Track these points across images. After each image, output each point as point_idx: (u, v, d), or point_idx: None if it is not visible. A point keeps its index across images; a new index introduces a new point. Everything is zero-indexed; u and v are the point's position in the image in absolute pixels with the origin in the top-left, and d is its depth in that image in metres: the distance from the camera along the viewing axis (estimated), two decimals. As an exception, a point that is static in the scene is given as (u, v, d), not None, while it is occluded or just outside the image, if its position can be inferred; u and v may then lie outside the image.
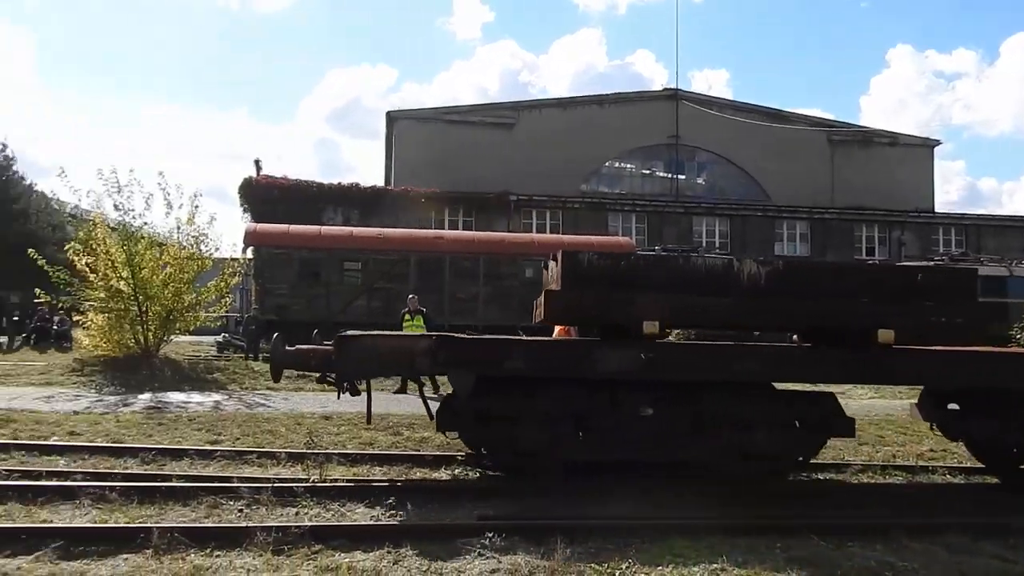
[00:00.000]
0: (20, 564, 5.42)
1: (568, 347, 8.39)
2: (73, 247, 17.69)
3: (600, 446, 8.19)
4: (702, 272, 8.23)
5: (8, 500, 6.99)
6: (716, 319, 8.33)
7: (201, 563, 5.50)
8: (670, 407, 8.15)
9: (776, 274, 8.13)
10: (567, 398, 8.11)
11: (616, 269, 8.15)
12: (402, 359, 8.10)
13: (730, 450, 8.23)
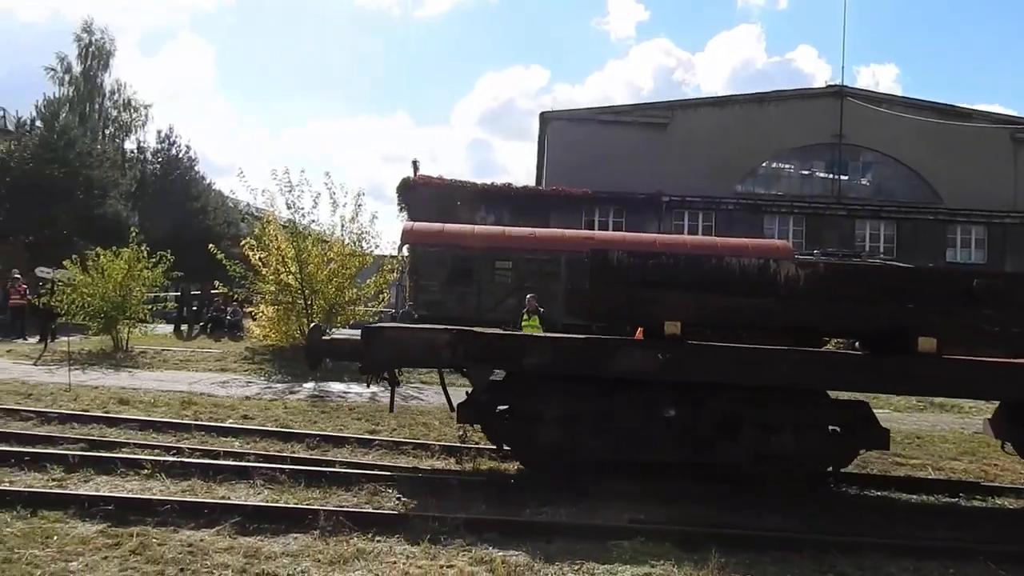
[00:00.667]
0: (203, 536, 5.85)
1: (585, 345, 8.12)
2: (248, 242, 18.93)
3: (621, 446, 8.01)
4: (736, 273, 8.01)
5: (192, 476, 7.58)
6: (749, 321, 8.01)
7: (363, 547, 5.75)
8: (693, 409, 7.93)
9: (816, 277, 7.90)
10: (588, 396, 7.99)
11: (643, 268, 8.09)
12: (425, 351, 8.28)
13: (753, 454, 7.93)
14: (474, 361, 8.10)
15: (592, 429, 8.01)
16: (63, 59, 44.76)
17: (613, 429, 7.99)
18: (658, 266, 8.25)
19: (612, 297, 8.04)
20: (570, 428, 8.00)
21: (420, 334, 8.72)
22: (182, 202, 40.12)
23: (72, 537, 5.67)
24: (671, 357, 7.68)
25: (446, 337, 8.14)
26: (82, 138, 35.22)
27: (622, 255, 8.27)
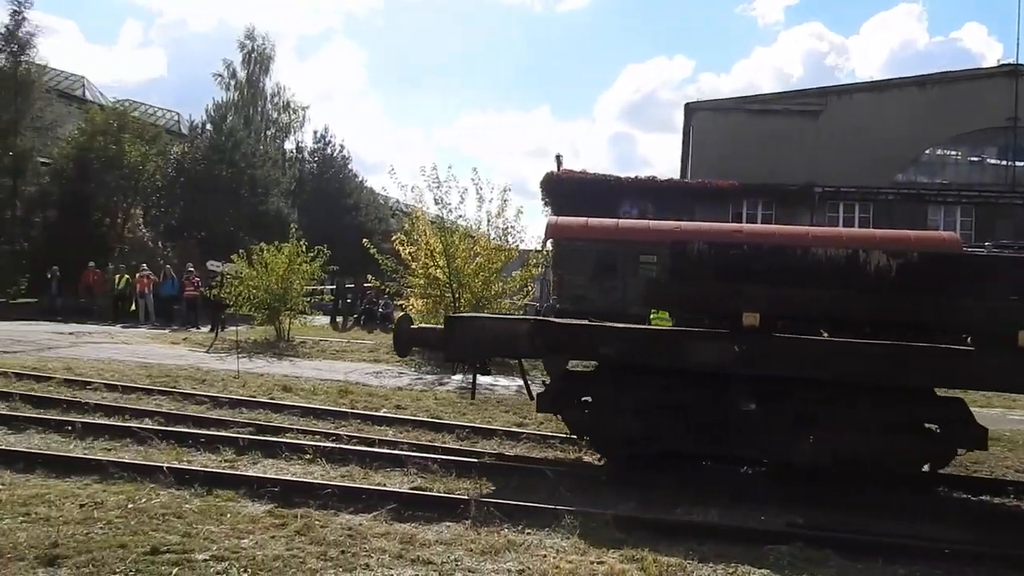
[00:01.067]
0: (362, 520, 6.09)
1: (659, 337, 8.13)
2: (398, 237, 19.57)
3: (699, 439, 7.85)
4: (822, 263, 7.82)
5: (350, 462, 7.91)
6: (835, 314, 7.76)
7: (514, 539, 5.82)
8: (774, 403, 7.67)
9: (909, 267, 7.59)
10: (665, 388, 7.88)
11: (724, 259, 8.06)
12: (503, 341, 8.44)
13: (838, 452, 7.56)
14: (550, 351, 8.17)
15: (669, 421, 7.91)
16: (229, 65, 47.85)
17: (690, 422, 7.85)
18: (737, 257, 8.25)
19: (690, 288, 8.05)
20: (647, 420, 7.93)
21: (500, 324, 8.97)
22: (337, 199, 42.01)
23: (243, 516, 6.02)
24: (747, 349, 7.50)
25: (525, 327, 8.34)
26: (247, 139, 37.45)
27: (702, 246, 8.27)
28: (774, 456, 7.98)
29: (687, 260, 8.16)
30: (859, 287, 7.64)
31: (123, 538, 5.30)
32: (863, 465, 7.63)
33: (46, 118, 30.56)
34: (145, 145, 31.69)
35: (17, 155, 28.67)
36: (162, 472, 6.79)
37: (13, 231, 29.21)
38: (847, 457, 7.58)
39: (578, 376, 8.56)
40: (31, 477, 6.70)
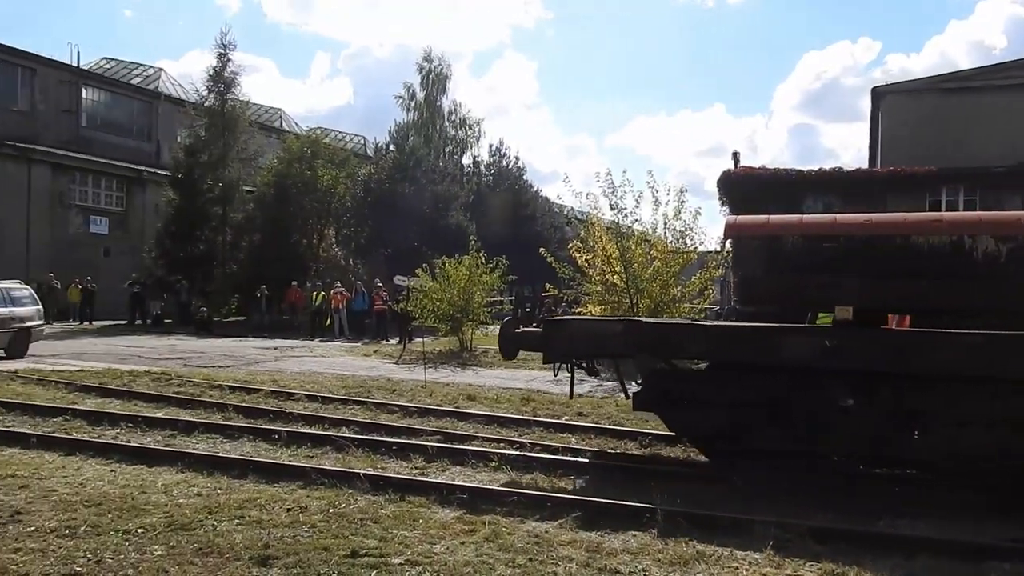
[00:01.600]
0: (548, 528, 6.13)
1: (747, 333, 8.04)
2: (575, 245, 19.66)
3: (794, 436, 7.59)
4: (924, 253, 7.52)
5: (534, 470, 8.00)
6: (940, 304, 7.52)
7: (703, 550, 5.65)
8: (872, 399, 7.36)
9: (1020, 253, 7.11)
10: (757, 384, 7.74)
11: (815, 252, 7.88)
12: (597, 342, 8.60)
13: (945, 449, 7.16)
14: (640, 350, 8.29)
15: (764, 418, 7.73)
16: (409, 87, 50.07)
17: (786, 419, 7.66)
18: (831, 250, 8.02)
19: (784, 283, 7.98)
20: (742, 417, 7.80)
21: (593, 325, 9.29)
22: (513, 210, 42.83)
23: (434, 521, 6.22)
24: (837, 344, 7.30)
25: (617, 328, 8.59)
26: (427, 157, 38.99)
27: (796, 239, 8.22)
28: (877, 453, 7.69)
29: (779, 254, 8.09)
30: (977, 276, 7.26)
31: (326, 541, 5.61)
32: (974, 464, 7.23)
33: (249, 150, 33.23)
34: (336, 169, 33.78)
35: (226, 185, 31.39)
36: (359, 479, 7.14)
37: (224, 255, 31.93)
38: (963, 454, 7.15)
39: (674, 374, 8.59)
40: (244, 482, 7.24)
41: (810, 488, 7.33)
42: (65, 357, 17.87)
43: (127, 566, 5.05)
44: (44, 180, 32.47)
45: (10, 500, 6.43)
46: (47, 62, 36.99)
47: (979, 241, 7.34)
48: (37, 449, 8.38)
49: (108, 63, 44.75)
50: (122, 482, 7.12)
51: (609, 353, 9.11)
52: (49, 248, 31.77)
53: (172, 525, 5.86)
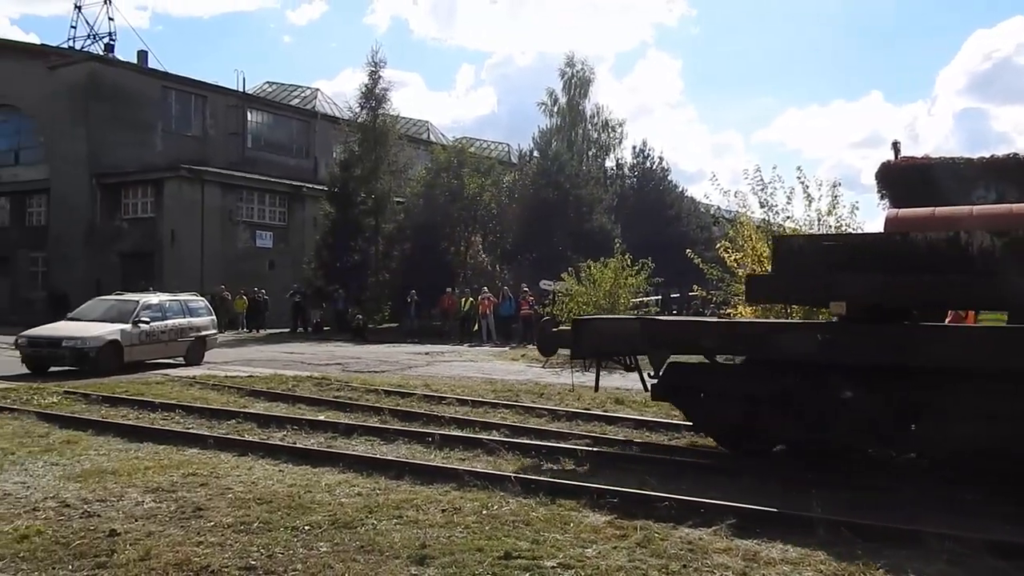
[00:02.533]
0: (701, 534, 5.99)
1: (748, 330, 8.98)
2: (723, 244, 19.18)
3: (801, 428, 8.08)
4: (922, 250, 7.60)
5: (685, 475, 7.86)
6: (936, 299, 7.91)
7: (870, 562, 5.36)
8: (871, 392, 7.67)
9: (1016, 245, 7.09)
10: (765, 378, 8.22)
11: (818, 251, 8.29)
12: (619, 339, 9.37)
13: (942, 442, 7.48)
14: (655, 346, 8.91)
15: (772, 410, 8.18)
16: (551, 93, 50.47)
17: (792, 411, 8.07)
18: (832, 248, 8.39)
19: (791, 281, 8.28)
20: (752, 408, 8.28)
21: (615, 324, 10.01)
22: (658, 211, 42.34)
23: (586, 525, 6.22)
24: (831, 339, 7.68)
25: (635, 326, 9.33)
26: (570, 162, 39.15)
27: (801, 240, 9.04)
28: (879, 446, 8.06)
29: (788, 254, 8.44)
30: (971, 271, 7.26)
31: (480, 542, 5.72)
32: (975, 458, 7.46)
33: (399, 162, 34.46)
34: (482, 177, 34.49)
35: (378, 197, 32.68)
36: (510, 481, 7.24)
37: (377, 264, 33.24)
38: (966, 447, 7.34)
39: (689, 367, 9.21)
40: (401, 483, 7.50)
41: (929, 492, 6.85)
42: (236, 364, 19.11)
43: (296, 561, 5.33)
44: (215, 199, 34.92)
45: (192, 496, 6.93)
46: (217, 89, 39.92)
47: (975, 236, 7.36)
48: (214, 449, 8.99)
49: (270, 86, 47.72)
50: (289, 481, 7.54)
51: (630, 349, 9.60)
52: (220, 262, 34.12)
53: (336, 523, 6.15)
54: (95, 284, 32.03)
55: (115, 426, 10.21)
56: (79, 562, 5.27)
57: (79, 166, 35.21)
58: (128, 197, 35.86)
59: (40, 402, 12.21)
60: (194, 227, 33.95)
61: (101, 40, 40.27)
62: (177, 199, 34.03)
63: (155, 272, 32.85)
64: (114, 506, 6.61)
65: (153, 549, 5.46)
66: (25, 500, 6.76)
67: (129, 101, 35.99)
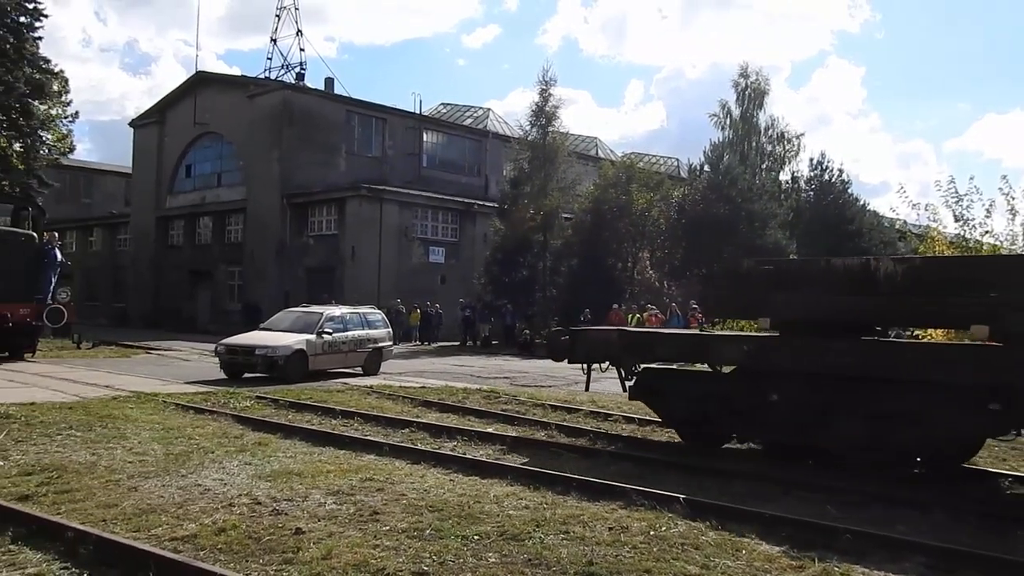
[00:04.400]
0: (886, 574, 5.61)
1: (692, 340, 10.60)
2: (910, 262, 17.99)
3: (742, 424, 9.84)
4: (840, 273, 8.97)
5: (870, 507, 7.39)
6: (846, 317, 8.84)
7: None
8: (795, 395, 9.05)
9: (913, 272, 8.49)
10: (712, 381, 10.27)
11: (755, 273, 9.97)
12: (602, 347, 11.16)
13: (847, 437, 8.76)
14: (627, 354, 10.76)
15: (719, 408, 9.89)
16: (724, 105, 49.27)
17: (734, 408, 9.74)
18: (766, 271, 9.93)
19: (734, 299, 10.07)
20: (703, 407, 10.07)
21: (599, 334, 11.70)
22: (837, 226, 40.27)
23: (758, 553, 5.97)
24: (752, 349, 9.51)
25: (614, 336, 11.15)
26: (743, 175, 38.06)
27: (750, 263, 10.76)
28: (804, 440, 9.34)
29: (734, 275, 10.50)
30: (874, 293, 8.46)
31: (648, 563, 5.62)
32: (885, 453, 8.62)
33: (568, 178, 34.77)
34: (650, 192, 34.17)
35: (546, 213, 33.12)
36: (679, 503, 7.08)
37: (545, 280, 33.61)
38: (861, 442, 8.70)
39: (657, 371, 10.92)
40: (567, 498, 7.51)
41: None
42: (409, 375, 19.88)
43: (466, 570, 5.46)
44: (392, 216, 36.56)
45: (369, 501, 7.25)
46: (395, 112, 41.93)
47: (883, 263, 8.89)
48: (389, 456, 9.37)
49: (444, 108, 49.58)
50: (459, 491, 7.72)
51: (610, 356, 11.16)
52: (396, 276, 35.65)
53: (504, 534, 6.24)
54: (284, 297, 34.40)
55: (301, 430, 10.86)
56: (268, 556, 5.63)
57: (272, 187, 37.95)
58: (314, 215, 38.22)
59: (236, 406, 13.20)
60: (372, 243, 35.67)
61: (293, 70, 43.33)
62: (357, 217, 35.93)
63: (336, 286, 34.78)
64: (299, 506, 7.02)
65: (334, 549, 5.75)
66: (222, 496, 7.30)
67: (317, 125, 38.47)
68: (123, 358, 23.17)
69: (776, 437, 9.67)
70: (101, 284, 49.68)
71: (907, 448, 8.67)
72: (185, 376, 18.13)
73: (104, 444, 9.55)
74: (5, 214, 22.73)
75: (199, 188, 43.71)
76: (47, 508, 6.65)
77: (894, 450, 8.61)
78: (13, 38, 33.24)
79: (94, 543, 5.52)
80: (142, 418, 11.52)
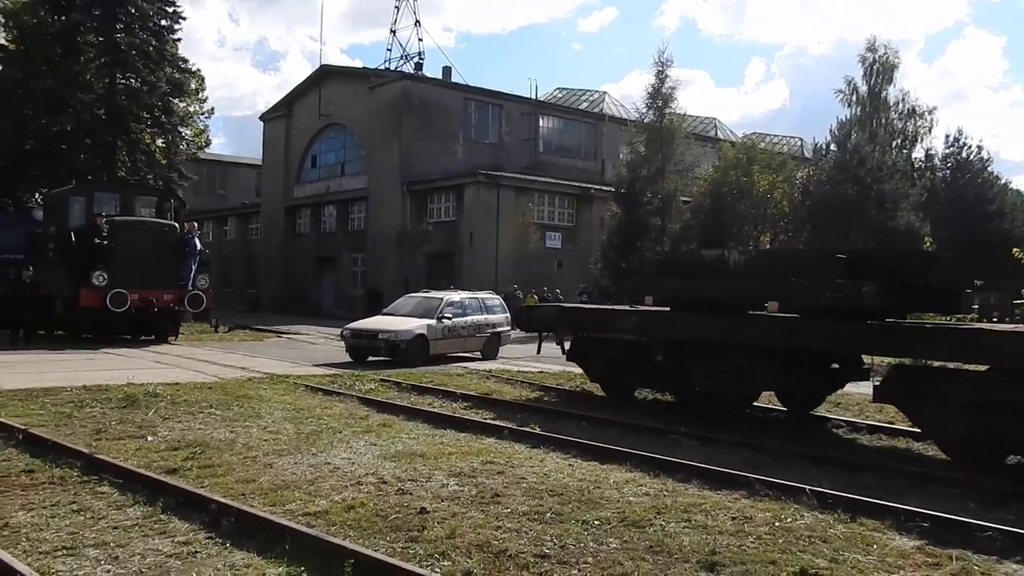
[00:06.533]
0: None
1: (599, 313, 14.01)
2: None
3: (637, 379, 13.25)
4: (705, 262, 12.14)
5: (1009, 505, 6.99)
6: (711, 298, 11.22)
7: None
8: (674, 357, 11.86)
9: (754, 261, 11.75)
10: (622, 345, 13.08)
11: (656, 260, 16.36)
12: (546, 320, 14.90)
13: (704, 390, 11.40)
14: (565, 326, 14.33)
15: (625, 368, 13.10)
16: (850, 82, 47.09)
17: (634, 368, 12.85)
18: (661, 260, 15.64)
19: (651, 284, 12.92)
20: (615, 365, 13.19)
21: (544, 310, 15.87)
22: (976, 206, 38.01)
23: (891, 548, 5.75)
24: (637, 321, 12.44)
25: (553, 311, 15.11)
26: (872, 154, 36.35)
27: (670, 252, 17.74)
28: (675, 393, 12.38)
29: (666, 264, 14.09)
30: (731, 277, 11.14)
31: (772, 555, 5.51)
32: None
33: (686, 161, 34.08)
34: (772, 174, 33.12)
35: (664, 197, 32.61)
36: (805, 494, 6.90)
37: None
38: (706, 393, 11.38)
39: (585, 339, 13.76)
40: (689, 486, 7.43)
41: None
42: (527, 359, 20.02)
43: (587, 554, 5.50)
44: (509, 202, 36.84)
45: (491, 483, 7.39)
46: (512, 98, 42.15)
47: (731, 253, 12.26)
48: (508, 440, 9.50)
49: (560, 92, 49.48)
50: (579, 475, 7.77)
51: (551, 327, 14.77)
52: (513, 262, 35.92)
53: (624, 520, 6.24)
54: (404, 282, 35.24)
55: (423, 413, 11.14)
56: (395, 534, 5.83)
57: (393, 175, 38.90)
58: (433, 202, 38.92)
59: (361, 388, 13.66)
60: (490, 229, 36.06)
61: (412, 60, 44.24)
62: (475, 203, 36.36)
63: (455, 271, 35.37)
64: (423, 486, 7.22)
65: (457, 529, 5.91)
66: (351, 474, 7.60)
67: (435, 114, 39.16)
68: (256, 341, 24.35)
69: (661, 388, 13.06)
70: (235, 271, 52.35)
71: (735, 398, 11.25)
72: (313, 359, 18.89)
73: (241, 422, 10.09)
74: (150, 206, 23.93)
75: (324, 178, 45.20)
76: (192, 481, 7.08)
77: (728, 399, 11.16)
78: (155, 41, 35.21)
79: (235, 515, 5.87)
80: (275, 398, 12.10)
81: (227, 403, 11.43)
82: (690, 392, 11.60)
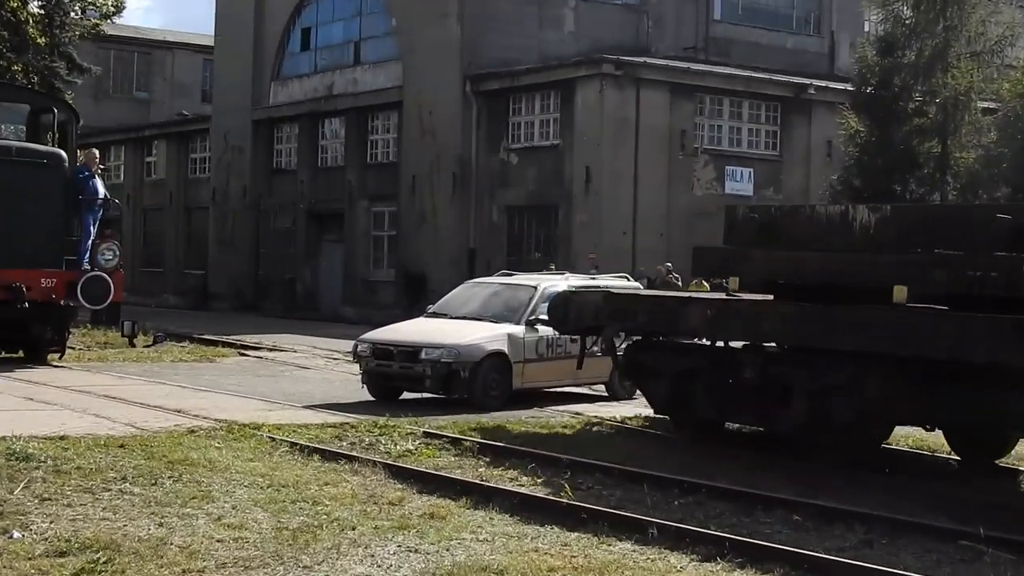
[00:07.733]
0: None
1: (660, 304, 10.62)
2: None
3: (719, 406, 9.96)
4: (823, 225, 9.12)
5: None
6: (820, 279, 8.61)
7: None
8: (766, 371, 9.01)
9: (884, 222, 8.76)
10: (690, 354, 10.16)
11: (760, 223, 9.58)
12: (591, 315, 11.15)
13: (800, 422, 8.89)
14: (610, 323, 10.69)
15: (698, 388, 10.17)
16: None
17: (714, 389, 9.88)
18: (756, 222, 9.55)
19: (716, 255, 10.40)
20: (682, 384, 9.96)
21: (590, 298, 11.86)
22: None
23: None
24: (714, 314, 9.15)
25: (598, 300, 11.32)
26: None
27: (746, 211, 10.84)
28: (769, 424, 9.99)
29: (734, 226, 9.92)
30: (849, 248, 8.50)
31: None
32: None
33: (989, 36, 21.20)
34: None
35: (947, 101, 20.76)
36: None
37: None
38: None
39: (641, 345, 10.72)
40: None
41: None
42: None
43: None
44: (659, 112, 23.82)
45: None
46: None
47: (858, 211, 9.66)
48: (658, 546, 6.18)
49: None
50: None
51: (593, 326, 10.78)
52: (665, 220, 23.05)
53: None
54: (467, 257, 24.16)
55: (502, 493, 7.30)
56: None
57: (447, 63, 25.38)
58: (518, 113, 25.41)
59: (390, 448, 9.25)
60: (624, 161, 23.11)
61: None
62: (596, 113, 23.32)
63: (559, 238, 23.61)
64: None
65: None
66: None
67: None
68: (203, 362, 16.87)
69: (747, 422, 10.36)
70: (167, 238, 34.91)
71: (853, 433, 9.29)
72: (304, 395, 12.76)
73: (177, 509, 6.65)
74: (16, 120, 15.21)
75: (324, 69, 29.31)
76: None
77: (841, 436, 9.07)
78: None
79: None
80: (236, 466, 8.07)
81: (153, 474, 7.60)
82: (787, 425, 9.11)
